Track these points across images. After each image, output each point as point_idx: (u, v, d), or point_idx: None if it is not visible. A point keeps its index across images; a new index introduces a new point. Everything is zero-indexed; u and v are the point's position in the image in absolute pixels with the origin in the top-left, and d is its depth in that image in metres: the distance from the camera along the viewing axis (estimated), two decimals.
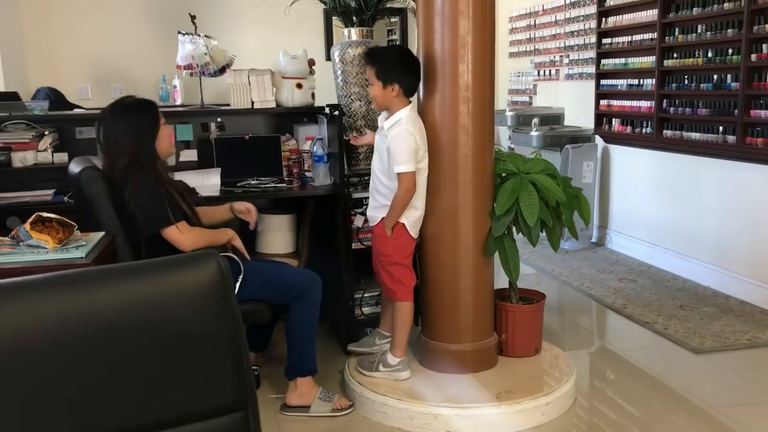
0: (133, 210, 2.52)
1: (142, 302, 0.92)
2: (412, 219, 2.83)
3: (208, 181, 3.38)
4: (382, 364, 2.89)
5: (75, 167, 2.66)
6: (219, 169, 3.47)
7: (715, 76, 4.24)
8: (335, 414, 2.85)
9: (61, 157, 3.39)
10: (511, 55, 6.73)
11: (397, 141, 2.72)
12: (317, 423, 2.82)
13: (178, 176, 3.10)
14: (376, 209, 2.89)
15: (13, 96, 4.01)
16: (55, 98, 5.01)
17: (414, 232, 2.86)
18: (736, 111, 4.04)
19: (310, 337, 2.84)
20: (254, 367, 3.03)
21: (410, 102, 2.82)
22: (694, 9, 4.35)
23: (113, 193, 2.54)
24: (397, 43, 6.70)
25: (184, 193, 2.77)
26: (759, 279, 4.03)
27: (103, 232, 2.28)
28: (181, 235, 2.58)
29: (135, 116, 2.64)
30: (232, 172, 3.51)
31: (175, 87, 5.77)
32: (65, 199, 3.17)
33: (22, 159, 3.33)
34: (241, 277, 2.64)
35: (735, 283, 4.19)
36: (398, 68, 2.78)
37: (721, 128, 4.19)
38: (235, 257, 2.69)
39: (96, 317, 0.89)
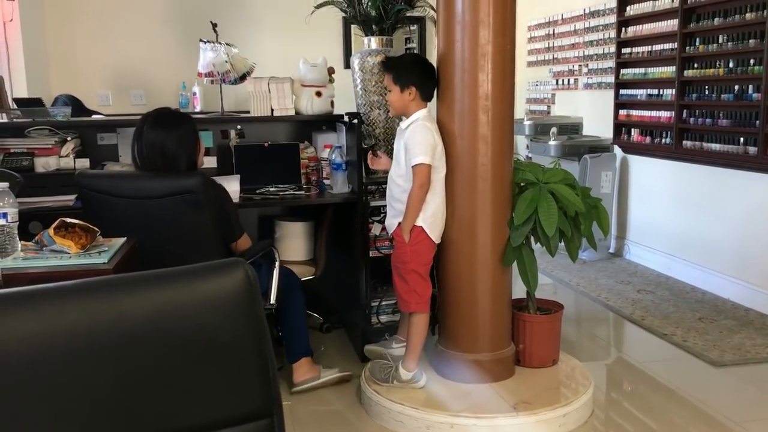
0: (221, 218, 2.67)
1: (171, 309, 0.93)
2: (428, 220, 2.82)
3: (227, 188, 3.39)
4: (396, 380, 2.89)
5: (154, 177, 2.66)
6: (238, 176, 3.49)
7: (737, 87, 4.21)
8: (343, 373, 3.15)
9: (83, 162, 3.43)
10: (530, 64, 6.72)
11: (415, 135, 2.76)
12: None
13: None
14: (394, 217, 2.90)
15: (36, 102, 4.06)
16: (74, 105, 5.07)
17: (435, 235, 2.85)
18: (757, 122, 4.01)
19: (305, 321, 3.17)
20: None
21: (426, 106, 2.86)
22: (715, 19, 4.32)
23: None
24: (415, 50, 6.72)
25: None
26: None
27: (125, 238, 2.30)
28: (248, 242, 2.85)
29: (179, 129, 2.68)
30: (252, 179, 3.53)
31: (194, 94, 5.82)
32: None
33: (44, 164, 3.37)
34: (277, 263, 2.88)
35: (755, 296, 4.15)
36: (414, 72, 2.84)
37: (742, 139, 4.16)
38: (274, 248, 2.95)
39: (126, 323, 0.90)
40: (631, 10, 5.11)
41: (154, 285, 0.94)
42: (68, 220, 2.14)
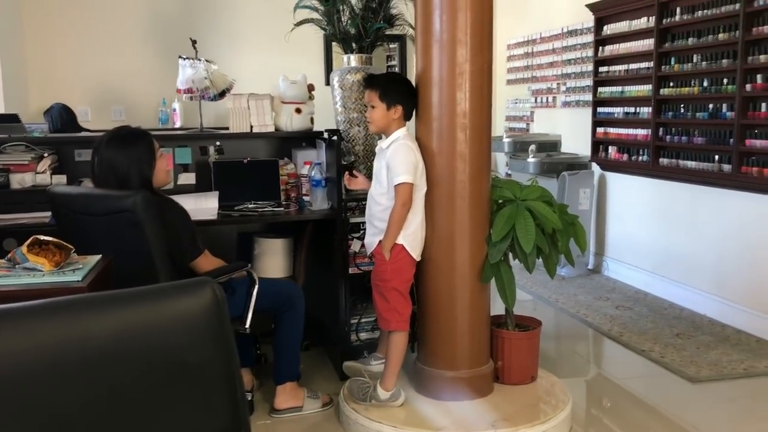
0: (174, 238, 2.60)
1: (138, 329, 0.92)
2: (409, 238, 2.83)
3: (205, 205, 3.39)
4: (374, 399, 2.87)
5: (102, 191, 2.64)
6: (217, 193, 3.48)
7: (711, 106, 4.28)
8: (325, 408, 3.10)
9: (60, 179, 3.40)
10: (509, 82, 6.78)
11: (397, 154, 2.77)
12: None
13: (176, 200, 3.12)
14: (374, 235, 2.90)
15: (13, 118, 4.03)
16: (68, 117, 5.03)
17: (415, 253, 2.85)
18: (731, 140, 4.08)
19: (298, 343, 3.08)
20: (248, 393, 3.05)
21: (406, 125, 2.88)
22: (690, 39, 4.40)
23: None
24: (396, 68, 6.76)
25: None
26: (755, 308, 4.03)
27: (99, 256, 2.27)
28: (211, 263, 2.75)
29: (133, 148, 2.65)
30: (230, 195, 3.52)
31: (174, 110, 5.80)
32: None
33: (20, 181, 3.34)
34: (257, 287, 2.79)
35: (731, 312, 4.19)
36: (401, 90, 2.88)
37: (717, 157, 4.22)
38: (252, 271, 2.84)
39: (93, 343, 0.89)
40: (608, 29, 5.18)
41: (121, 304, 0.93)
42: (42, 237, 2.12)
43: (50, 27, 5.89)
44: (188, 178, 3.70)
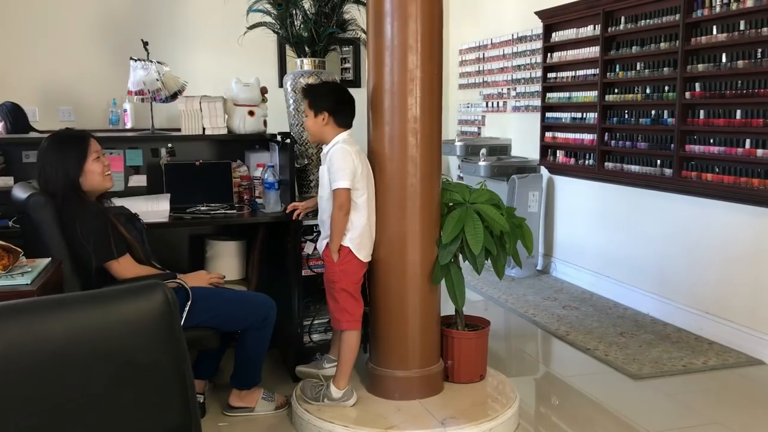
0: (81, 242, 2.54)
1: (90, 331, 0.94)
2: (355, 241, 2.86)
3: (157, 207, 3.38)
4: (327, 398, 2.91)
5: (20, 192, 2.65)
6: (168, 195, 3.47)
7: (653, 112, 4.44)
8: (278, 411, 3.10)
9: (7, 181, 3.35)
10: (461, 86, 6.88)
11: (334, 159, 2.81)
12: None
13: (127, 202, 3.10)
14: (324, 238, 2.94)
15: None
16: (15, 115, 4.90)
17: (362, 255, 2.89)
18: (672, 145, 4.23)
19: (262, 356, 3.03)
20: (200, 395, 3.04)
21: (345, 132, 2.90)
22: (633, 47, 4.55)
23: (61, 220, 2.53)
24: (350, 72, 6.80)
25: (126, 221, 2.79)
26: (695, 307, 4.19)
27: (49, 259, 2.26)
28: (132, 269, 2.65)
29: (63, 151, 2.63)
30: (182, 198, 3.51)
31: (125, 111, 5.74)
32: (10, 223, 3.11)
33: None
34: (189, 303, 2.67)
35: (672, 311, 4.35)
36: (329, 99, 2.89)
37: (659, 161, 4.38)
38: (185, 284, 2.69)
39: (46, 346, 0.91)
40: (556, 36, 5.32)
41: (74, 307, 0.95)
42: None
43: None
44: (139, 180, 3.68)
